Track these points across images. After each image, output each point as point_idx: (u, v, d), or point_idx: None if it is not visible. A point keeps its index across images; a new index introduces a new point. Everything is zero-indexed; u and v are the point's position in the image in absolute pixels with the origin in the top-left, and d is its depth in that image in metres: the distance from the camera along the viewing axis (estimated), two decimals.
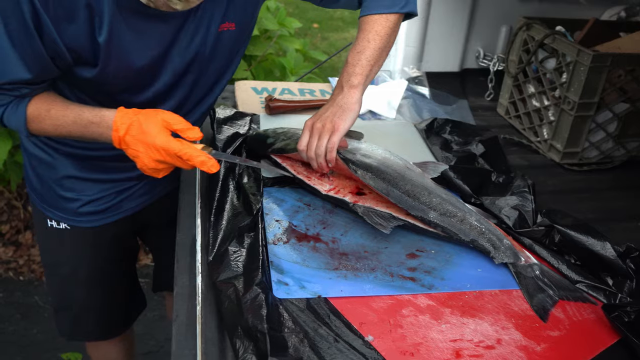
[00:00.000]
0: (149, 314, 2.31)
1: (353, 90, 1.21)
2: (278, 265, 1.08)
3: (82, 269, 1.42)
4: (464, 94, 2.09)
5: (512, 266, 1.14)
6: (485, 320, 1.02)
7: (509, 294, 1.09)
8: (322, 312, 0.98)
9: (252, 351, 0.86)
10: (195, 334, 0.94)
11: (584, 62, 1.54)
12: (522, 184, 1.33)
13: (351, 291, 1.04)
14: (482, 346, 0.96)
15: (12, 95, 1.04)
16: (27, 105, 1.07)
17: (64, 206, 1.31)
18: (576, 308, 1.08)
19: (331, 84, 1.91)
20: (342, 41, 5.32)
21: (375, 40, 1.24)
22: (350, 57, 1.24)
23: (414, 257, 1.16)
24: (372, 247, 1.18)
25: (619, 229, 1.34)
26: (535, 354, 0.96)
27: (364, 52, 1.23)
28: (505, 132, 1.82)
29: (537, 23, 1.76)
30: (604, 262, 1.14)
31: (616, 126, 1.66)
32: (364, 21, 1.27)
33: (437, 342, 0.96)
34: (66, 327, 1.54)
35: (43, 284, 2.55)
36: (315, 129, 1.19)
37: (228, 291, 0.97)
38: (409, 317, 1.01)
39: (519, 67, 1.82)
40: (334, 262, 1.12)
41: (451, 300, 1.06)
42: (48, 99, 1.09)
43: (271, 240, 1.15)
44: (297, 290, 1.03)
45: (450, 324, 1.00)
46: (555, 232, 1.21)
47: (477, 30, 2.16)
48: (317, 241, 1.17)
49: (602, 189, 1.61)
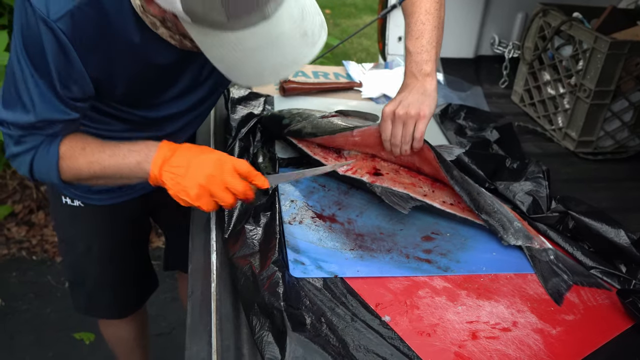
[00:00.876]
0: (161, 295, 2.33)
1: (429, 78, 1.19)
2: (294, 245, 1.09)
3: (95, 246, 1.44)
4: (478, 80, 2.08)
5: (527, 250, 1.15)
6: (501, 303, 1.03)
7: (524, 278, 1.10)
8: (339, 292, 0.99)
9: (268, 328, 0.87)
10: (210, 310, 0.95)
11: (601, 50, 1.53)
12: (536, 169, 1.33)
13: (368, 271, 1.05)
14: (498, 328, 0.97)
15: (45, 134, 1.02)
16: (60, 145, 1.04)
17: (77, 184, 1.32)
18: (590, 293, 1.08)
19: (345, 67, 1.90)
20: (354, 27, 5.28)
21: (429, 19, 1.21)
22: (411, 45, 1.21)
23: (430, 240, 1.17)
24: (388, 229, 1.18)
25: (633, 219, 1.33)
26: (551, 337, 0.97)
27: (423, 35, 1.20)
28: (520, 120, 1.81)
29: (554, 9, 1.74)
30: (617, 250, 1.15)
31: (632, 115, 1.65)
32: (410, 3, 1.23)
33: (453, 324, 0.97)
34: (81, 303, 1.56)
35: (56, 264, 2.57)
36: (398, 117, 1.16)
37: (244, 268, 0.98)
38: (425, 298, 1.01)
39: (535, 54, 1.80)
40: (350, 243, 1.12)
41: (467, 282, 1.07)
42: (82, 138, 1.06)
43: (287, 220, 1.16)
44: (313, 269, 1.03)
45: (466, 305, 1.01)
46: (569, 219, 1.22)
47: (492, 16, 2.14)
48: (332, 222, 1.18)
49: (617, 178, 1.60)
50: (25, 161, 1.04)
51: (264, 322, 0.88)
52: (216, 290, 0.98)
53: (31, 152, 1.02)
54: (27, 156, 1.03)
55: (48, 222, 2.74)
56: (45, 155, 1.03)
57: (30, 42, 0.91)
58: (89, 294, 1.53)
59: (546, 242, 1.17)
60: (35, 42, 0.91)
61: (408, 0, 1.23)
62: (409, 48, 1.22)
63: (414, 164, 1.28)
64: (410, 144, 1.18)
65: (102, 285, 1.51)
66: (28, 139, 1.02)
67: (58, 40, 0.90)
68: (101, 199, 1.35)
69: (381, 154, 1.29)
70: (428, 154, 1.21)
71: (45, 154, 1.03)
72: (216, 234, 1.09)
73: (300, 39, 0.86)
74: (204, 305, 0.97)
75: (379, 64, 1.98)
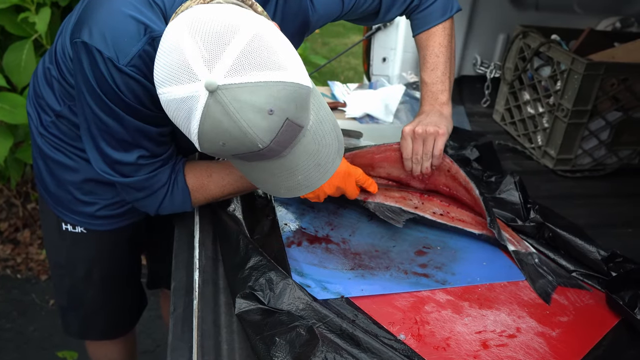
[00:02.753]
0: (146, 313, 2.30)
1: (445, 106, 1.28)
2: (298, 268, 1.11)
3: (95, 270, 1.42)
4: (461, 100, 2.12)
5: (514, 254, 1.21)
6: (502, 310, 1.07)
7: (517, 285, 1.15)
8: (350, 313, 1.00)
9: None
10: (191, 327, 0.96)
11: (578, 70, 1.57)
12: (509, 181, 1.38)
13: (372, 290, 1.08)
14: (505, 335, 1.01)
15: (163, 158, 1.07)
16: (186, 179, 1.10)
17: (81, 210, 1.30)
18: (576, 295, 1.14)
19: (330, 87, 1.94)
20: (342, 46, 5.35)
21: (442, 52, 1.29)
22: (427, 76, 1.29)
23: (423, 254, 1.20)
24: (381, 246, 1.21)
25: (611, 235, 1.37)
26: (553, 339, 1.02)
27: (437, 67, 1.28)
28: (501, 138, 1.85)
29: (533, 31, 1.79)
30: (589, 263, 1.20)
31: (609, 134, 1.69)
32: (425, 37, 1.30)
33: (464, 335, 1.00)
34: (75, 327, 1.54)
35: (41, 282, 2.56)
36: (418, 135, 1.21)
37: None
38: (432, 313, 1.05)
39: (515, 74, 1.85)
40: (349, 262, 1.15)
41: (466, 293, 1.11)
42: (202, 166, 1.13)
43: (285, 244, 1.17)
44: (319, 291, 1.05)
45: (471, 316, 1.05)
46: (546, 229, 1.27)
47: (474, 37, 2.19)
48: (328, 242, 1.20)
49: (595, 195, 1.64)
50: (156, 202, 1.10)
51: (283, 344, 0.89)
52: (198, 307, 0.99)
53: (161, 191, 1.08)
54: (156, 197, 1.09)
55: (33, 241, 2.73)
56: (177, 192, 1.10)
57: (107, 87, 0.94)
58: (85, 317, 1.51)
59: (530, 247, 1.24)
60: (109, 86, 0.94)
61: (423, 34, 1.30)
62: (424, 79, 1.29)
63: (443, 186, 1.32)
64: (430, 162, 1.23)
65: (99, 308, 1.50)
66: (153, 180, 1.07)
67: (134, 79, 0.94)
68: (104, 224, 1.33)
69: (370, 173, 1.32)
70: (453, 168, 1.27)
71: (177, 192, 1.10)
72: (199, 252, 1.10)
73: (314, 169, 0.92)
74: (185, 322, 0.98)
75: (363, 84, 2.02)
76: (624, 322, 1.08)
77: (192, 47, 0.78)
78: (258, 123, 0.79)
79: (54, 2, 1.99)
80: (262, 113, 0.78)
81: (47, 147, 1.24)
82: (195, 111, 0.79)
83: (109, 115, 0.97)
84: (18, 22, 1.89)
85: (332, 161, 0.94)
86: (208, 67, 0.77)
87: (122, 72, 0.93)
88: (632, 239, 1.42)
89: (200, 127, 0.80)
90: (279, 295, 0.97)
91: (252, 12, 0.86)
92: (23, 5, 1.85)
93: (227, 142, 0.81)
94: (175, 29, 0.81)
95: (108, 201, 1.27)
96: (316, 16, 1.17)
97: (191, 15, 0.81)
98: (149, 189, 1.08)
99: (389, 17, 1.32)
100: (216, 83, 0.76)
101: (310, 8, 1.15)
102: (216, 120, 0.78)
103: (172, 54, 0.80)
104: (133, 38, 0.92)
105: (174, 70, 0.79)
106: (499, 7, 2.14)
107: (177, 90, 0.79)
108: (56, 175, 1.27)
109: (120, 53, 0.92)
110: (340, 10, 1.21)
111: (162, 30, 0.92)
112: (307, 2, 1.14)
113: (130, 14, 0.93)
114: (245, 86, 0.77)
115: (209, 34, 0.78)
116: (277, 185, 0.95)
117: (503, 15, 2.15)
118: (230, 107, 0.77)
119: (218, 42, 0.77)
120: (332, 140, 0.93)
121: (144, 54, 0.93)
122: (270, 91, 0.78)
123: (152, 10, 0.94)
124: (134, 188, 1.08)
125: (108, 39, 0.92)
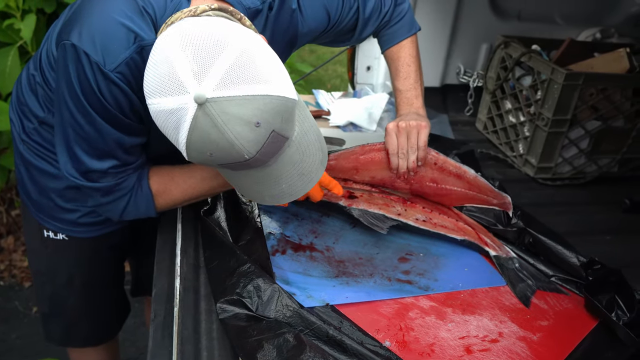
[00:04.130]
0: (130, 320, 2.30)
1: (420, 109, 1.33)
2: (283, 277, 1.11)
3: (77, 277, 1.41)
4: (445, 108, 2.15)
5: (495, 259, 1.23)
6: (484, 316, 1.09)
7: (498, 290, 1.17)
8: (335, 321, 1.01)
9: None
10: (172, 333, 0.96)
11: (558, 80, 1.60)
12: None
13: (356, 297, 1.09)
14: (487, 340, 1.03)
15: (133, 167, 1.07)
16: (150, 183, 1.10)
17: (62, 217, 1.30)
18: (555, 299, 1.17)
19: (315, 96, 1.95)
20: (330, 54, 5.36)
21: (413, 62, 1.36)
22: (400, 84, 1.35)
23: (406, 261, 1.21)
24: (365, 253, 1.22)
25: (590, 243, 1.39)
26: (534, 343, 1.04)
27: (410, 76, 1.35)
28: (483, 147, 1.87)
29: (514, 42, 1.82)
30: (568, 269, 1.23)
31: (588, 143, 1.72)
32: (395, 50, 1.37)
33: (448, 341, 1.02)
34: (57, 334, 1.53)
35: (24, 289, 2.54)
36: (402, 128, 1.23)
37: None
38: (417, 319, 1.06)
39: (497, 83, 1.87)
40: (333, 270, 1.16)
41: (449, 299, 1.12)
42: (165, 170, 1.12)
43: (270, 252, 1.18)
44: (305, 299, 1.05)
45: (454, 322, 1.07)
46: (526, 235, 1.29)
47: (458, 47, 2.22)
48: (312, 250, 1.21)
49: (575, 203, 1.66)
50: (119, 207, 1.10)
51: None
52: (179, 315, 0.99)
53: (125, 197, 1.08)
54: (120, 202, 1.09)
55: (17, 247, 2.71)
56: (141, 198, 1.10)
57: (89, 91, 0.94)
58: (67, 325, 1.51)
59: (511, 252, 1.26)
60: (92, 90, 0.94)
61: (394, 47, 1.37)
62: (398, 87, 1.35)
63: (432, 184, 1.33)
64: (416, 154, 1.24)
65: (81, 315, 1.49)
66: (120, 187, 1.07)
67: (117, 86, 0.94)
68: (86, 231, 1.33)
69: (354, 177, 1.33)
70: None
71: (140, 197, 1.09)
72: (181, 260, 1.11)
73: (298, 178, 0.95)
74: (166, 328, 0.98)
75: (347, 93, 2.03)
76: (601, 325, 1.10)
77: (182, 60, 0.79)
78: (245, 135, 0.81)
79: (39, 9, 1.99)
80: (250, 125, 0.80)
81: (29, 154, 1.24)
82: (183, 122, 0.80)
83: (88, 122, 0.98)
84: (3, 29, 1.89)
85: (316, 171, 0.97)
86: (197, 80, 0.78)
87: (107, 78, 0.93)
88: (610, 246, 1.44)
89: (189, 138, 0.81)
90: (267, 302, 0.98)
91: (240, 26, 0.87)
92: (8, 11, 1.86)
93: (215, 153, 0.83)
94: (166, 41, 0.82)
95: (90, 208, 1.27)
96: (305, 30, 1.20)
97: (182, 28, 0.83)
98: (115, 194, 1.08)
99: (365, 34, 1.36)
100: (205, 96, 0.78)
101: (300, 22, 1.17)
102: (204, 131, 0.80)
103: (163, 65, 0.81)
104: (122, 45, 0.93)
105: (164, 81, 0.80)
106: (482, 17, 2.17)
107: (166, 101, 0.81)
108: (38, 182, 1.27)
109: (107, 58, 0.92)
110: (327, 24, 1.24)
111: (151, 39, 0.94)
112: (298, 16, 1.16)
113: (121, 21, 0.93)
114: (233, 99, 0.79)
115: (199, 47, 0.79)
116: (261, 193, 0.97)
117: (486, 25, 2.19)
118: (219, 119, 0.79)
119: (208, 56, 0.79)
120: (316, 151, 0.95)
121: (131, 61, 0.93)
122: (257, 104, 0.80)
123: (143, 18, 0.95)
124: (100, 193, 1.07)
125: (97, 43, 0.92)
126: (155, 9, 0.96)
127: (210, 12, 0.93)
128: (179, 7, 0.96)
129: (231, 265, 1.05)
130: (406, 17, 1.36)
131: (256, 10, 1.07)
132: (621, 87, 1.67)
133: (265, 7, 1.08)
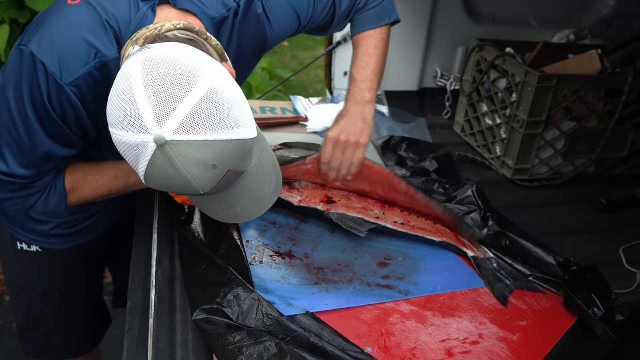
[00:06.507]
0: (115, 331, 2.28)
1: (369, 106, 1.28)
2: (262, 286, 1.10)
3: (52, 288, 1.40)
4: (423, 112, 2.16)
5: (473, 259, 1.24)
6: (464, 318, 1.10)
7: (477, 292, 1.18)
8: (315, 328, 1.00)
9: None
10: (147, 345, 0.96)
11: (531, 83, 1.61)
12: (466, 189, 1.41)
13: (336, 304, 1.08)
14: (468, 343, 1.04)
15: (53, 174, 1.06)
16: (65, 181, 1.09)
17: (34, 228, 1.29)
18: (534, 299, 1.18)
19: (293, 102, 1.95)
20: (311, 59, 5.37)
21: (376, 54, 1.31)
22: (357, 73, 1.30)
23: (385, 266, 1.21)
24: (344, 259, 1.22)
25: (567, 243, 1.41)
26: (514, 343, 1.05)
27: (368, 67, 1.29)
28: (461, 150, 1.89)
29: (489, 45, 1.83)
30: (545, 270, 1.24)
31: (564, 143, 1.74)
32: (361, 37, 1.33)
33: (429, 345, 1.02)
34: (34, 347, 1.52)
35: (4, 303, 2.51)
36: (340, 143, 1.23)
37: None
38: (398, 324, 1.06)
39: (473, 86, 1.89)
40: (312, 278, 1.15)
41: (429, 303, 1.13)
42: (80, 168, 1.11)
43: (249, 261, 1.17)
44: (285, 308, 1.04)
45: (435, 325, 1.07)
46: (503, 237, 1.30)
47: (434, 50, 2.23)
48: (291, 258, 1.21)
49: (552, 204, 1.68)
50: (28, 203, 1.07)
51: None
52: (154, 327, 0.99)
53: (37, 195, 1.06)
54: (31, 199, 1.07)
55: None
56: (53, 195, 1.08)
57: (39, 99, 0.93)
58: (44, 337, 1.49)
59: (489, 252, 1.27)
60: (42, 99, 0.93)
61: (361, 35, 1.32)
62: (354, 75, 1.30)
63: (364, 188, 1.34)
64: (348, 169, 1.24)
65: (58, 326, 1.47)
66: (34, 185, 1.05)
67: (69, 100, 0.93)
68: (59, 243, 1.32)
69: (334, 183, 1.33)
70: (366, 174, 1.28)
71: (53, 195, 1.08)
72: (156, 271, 1.10)
73: (252, 204, 1.00)
74: (140, 341, 0.98)
75: (325, 98, 2.04)
76: (579, 323, 1.12)
77: (144, 100, 0.79)
78: (201, 176, 0.83)
79: (13, 20, 1.98)
80: (206, 167, 0.82)
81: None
82: (143, 158, 0.82)
83: (26, 130, 0.96)
84: None
85: (270, 197, 1.01)
86: (158, 122, 0.79)
87: (61, 89, 0.92)
88: (587, 246, 1.46)
89: (147, 171, 0.83)
90: (247, 311, 0.97)
91: (206, 58, 0.86)
92: None
93: (171, 186, 0.85)
94: (131, 72, 0.81)
95: (62, 220, 1.27)
96: (274, 35, 1.19)
97: (147, 59, 0.82)
98: (28, 191, 1.05)
99: (344, 25, 1.35)
100: (165, 139, 0.79)
101: (267, 26, 1.17)
102: (162, 169, 0.82)
103: (126, 100, 0.81)
104: (82, 60, 0.92)
105: (126, 117, 0.81)
106: (457, 21, 2.19)
107: (128, 135, 0.81)
108: None
109: (65, 72, 0.92)
110: (298, 25, 1.23)
111: (113, 55, 0.93)
112: (265, 22, 1.16)
113: (83, 36, 0.93)
114: (192, 144, 0.80)
115: (163, 88, 0.80)
116: (217, 213, 1.03)
117: (462, 29, 2.20)
118: (176, 160, 0.81)
119: (170, 98, 0.79)
120: (271, 180, 0.99)
121: (89, 77, 0.93)
122: (215, 149, 0.82)
123: (106, 33, 0.94)
124: (13, 187, 1.04)
125: (56, 55, 0.91)
126: (120, 23, 0.95)
127: (176, 32, 0.92)
128: (144, 22, 0.96)
129: (211, 274, 1.05)
130: (380, 6, 1.32)
131: (222, 19, 1.06)
132: (593, 88, 1.69)
133: (230, 14, 1.08)
